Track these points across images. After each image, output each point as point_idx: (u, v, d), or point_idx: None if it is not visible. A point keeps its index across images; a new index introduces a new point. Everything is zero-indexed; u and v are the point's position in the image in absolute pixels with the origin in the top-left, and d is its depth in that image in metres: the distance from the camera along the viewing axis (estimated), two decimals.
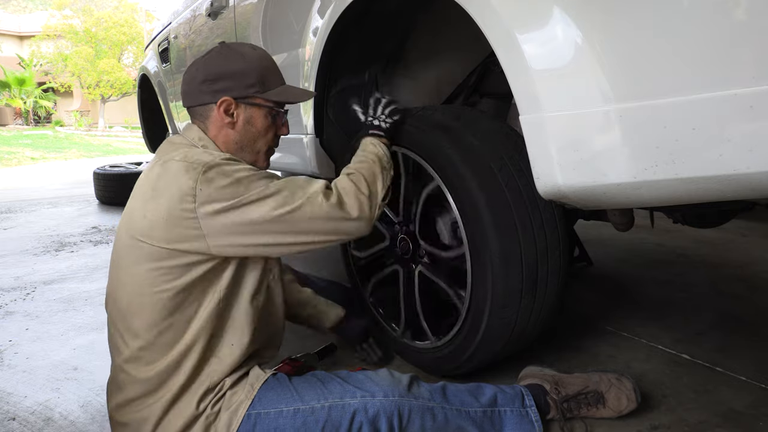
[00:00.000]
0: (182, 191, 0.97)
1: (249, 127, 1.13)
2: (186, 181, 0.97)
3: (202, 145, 1.11)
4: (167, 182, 1.00)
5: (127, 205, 1.10)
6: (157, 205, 0.99)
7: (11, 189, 5.83)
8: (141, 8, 24.05)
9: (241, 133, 1.13)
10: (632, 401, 1.22)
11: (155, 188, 1.01)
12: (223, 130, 1.12)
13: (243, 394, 1.06)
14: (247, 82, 1.11)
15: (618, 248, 2.77)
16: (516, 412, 1.16)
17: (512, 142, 1.25)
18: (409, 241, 1.45)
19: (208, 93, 1.11)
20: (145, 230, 0.99)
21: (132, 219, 1.03)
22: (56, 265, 2.70)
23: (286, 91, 1.17)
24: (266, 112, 1.14)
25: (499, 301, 1.19)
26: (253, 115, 1.13)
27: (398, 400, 1.07)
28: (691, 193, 0.85)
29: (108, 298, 1.10)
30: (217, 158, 1.02)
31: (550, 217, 1.22)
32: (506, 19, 0.98)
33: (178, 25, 3.10)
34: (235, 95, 1.10)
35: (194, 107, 1.14)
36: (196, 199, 0.97)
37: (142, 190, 1.04)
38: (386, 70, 1.80)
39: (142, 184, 1.06)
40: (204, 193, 0.97)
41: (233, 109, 1.11)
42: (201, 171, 0.98)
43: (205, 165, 0.99)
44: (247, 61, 1.12)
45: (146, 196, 1.01)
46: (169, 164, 1.02)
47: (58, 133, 17.35)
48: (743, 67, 0.72)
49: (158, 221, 0.98)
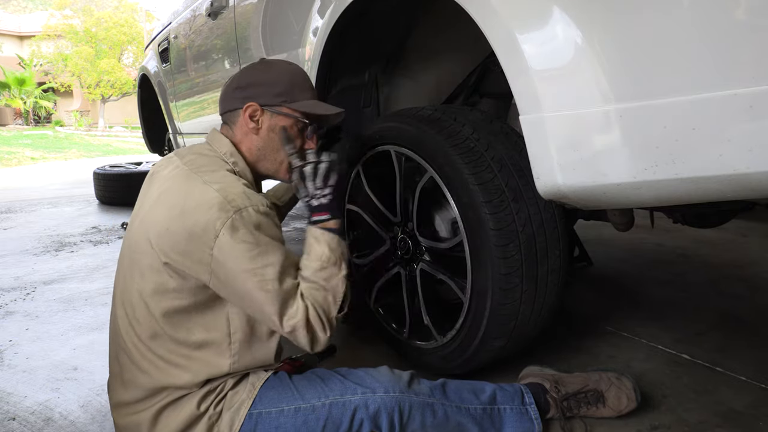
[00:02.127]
0: (208, 226, 0.97)
1: (272, 135, 1.14)
2: (214, 219, 0.97)
3: (233, 162, 1.12)
4: (198, 207, 0.98)
5: (144, 205, 1.08)
6: (183, 225, 0.98)
7: (11, 189, 5.84)
8: (141, 8, 24.06)
9: (264, 140, 1.14)
10: (632, 401, 1.22)
11: (185, 208, 0.99)
12: (247, 135, 1.14)
13: (244, 393, 1.06)
14: (275, 91, 1.13)
15: (618, 248, 2.78)
16: (516, 409, 1.16)
17: (512, 141, 1.25)
18: (408, 239, 1.45)
19: (238, 99, 1.14)
20: (164, 242, 0.99)
21: (152, 226, 1.02)
22: (56, 265, 2.70)
23: (315, 105, 1.17)
24: (292, 122, 1.15)
25: (499, 300, 1.19)
26: (277, 124, 1.14)
27: (399, 396, 1.07)
28: (691, 193, 0.85)
29: (115, 296, 1.10)
30: (251, 206, 1.00)
31: (550, 216, 1.22)
32: (506, 19, 0.98)
33: (178, 25, 3.10)
34: (261, 102, 1.13)
35: (225, 113, 1.18)
36: (216, 241, 0.97)
37: (170, 204, 1.02)
38: (386, 70, 1.80)
39: (168, 192, 1.04)
40: (224, 239, 0.97)
41: (258, 115, 1.13)
42: (230, 216, 0.97)
43: (238, 211, 0.98)
44: (279, 72, 1.16)
45: (174, 211, 1.00)
46: (207, 190, 1.00)
47: (58, 133, 17.36)
48: (743, 67, 0.72)
49: (179, 240, 0.98)
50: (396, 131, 1.38)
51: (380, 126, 1.46)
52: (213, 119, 2.81)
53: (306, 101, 1.16)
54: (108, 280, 2.42)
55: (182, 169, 1.07)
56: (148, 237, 1.01)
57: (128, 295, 1.05)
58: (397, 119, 1.40)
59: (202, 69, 2.82)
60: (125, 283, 1.07)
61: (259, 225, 1.00)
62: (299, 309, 1.02)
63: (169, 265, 0.99)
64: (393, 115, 1.45)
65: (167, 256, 0.98)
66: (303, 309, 1.02)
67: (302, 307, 1.02)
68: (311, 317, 1.03)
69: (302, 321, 1.01)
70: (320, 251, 1.09)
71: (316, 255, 1.08)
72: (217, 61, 2.59)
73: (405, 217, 1.47)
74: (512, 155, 1.21)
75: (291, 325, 1.01)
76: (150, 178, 1.15)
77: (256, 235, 0.99)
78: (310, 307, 1.03)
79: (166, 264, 0.99)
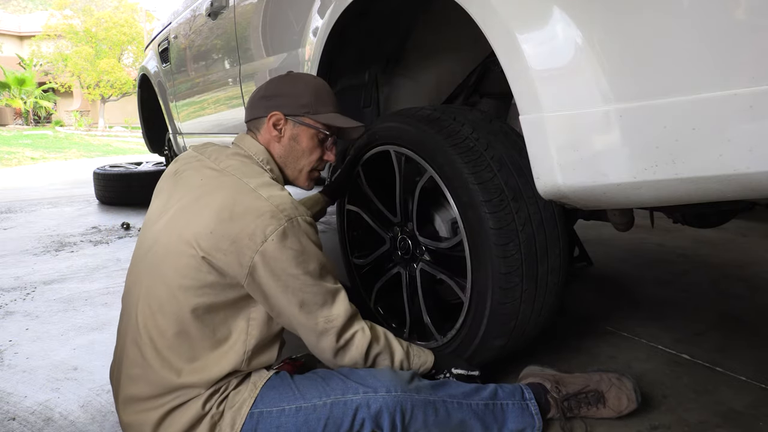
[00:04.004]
0: (257, 230, 1.00)
1: (294, 144, 1.20)
2: (265, 226, 1.00)
3: (270, 169, 1.18)
4: (249, 214, 1.01)
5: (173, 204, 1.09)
6: (230, 228, 1.00)
7: (11, 189, 5.84)
8: (141, 8, 24.06)
9: (286, 148, 1.20)
10: (632, 401, 1.22)
11: (234, 213, 1.01)
12: (271, 143, 1.20)
13: (246, 393, 1.07)
14: (299, 102, 1.19)
15: (618, 248, 2.78)
16: (516, 405, 1.16)
17: (512, 140, 1.25)
18: (408, 239, 1.45)
19: (263, 107, 1.20)
20: (207, 244, 1.01)
21: (193, 226, 1.03)
22: (56, 265, 2.70)
23: (336, 118, 1.23)
24: (313, 133, 1.21)
25: (499, 300, 1.19)
26: (299, 134, 1.20)
27: (400, 395, 1.07)
28: (691, 193, 0.85)
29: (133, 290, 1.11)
30: (299, 215, 1.05)
31: (550, 215, 1.22)
32: (506, 19, 0.98)
33: (178, 25, 3.10)
34: (285, 111, 1.18)
35: (250, 120, 1.23)
36: (263, 245, 1.00)
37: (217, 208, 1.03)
38: (386, 70, 1.80)
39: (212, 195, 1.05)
40: (271, 245, 1.00)
41: (282, 124, 1.19)
42: (282, 224, 1.01)
43: (289, 219, 1.03)
44: (304, 84, 1.22)
45: (222, 215, 1.01)
46: (257, 199, 1.03)
47: (58, 133, 17.36)
48: (743, 67, 0.72)
49: (224, 242, 1.00)
50: (396, 131, 1.38)
51: (379, 126, 1.47)
52: (213, 119, 2.82)
53: (328, 114, 1.22)
54: (108, 280, 2.42)
55: (224, 174, 1.10)
56: (185, 236, 1.03)
57: (155, 289, 1.06)
58: (396, 119, 1.40)
59: (202, 69, 2.82)
60: (150, 279, 1.07)
61: (307, 233, 1.05)
62: (341, 313, 1.08)
63: (207, 262, 1.01)
64: (392, 116, 1.45)
65: (207, 254, 1.01)
66: (346, 313, 1.09)
67: (346, 312, 1.09)
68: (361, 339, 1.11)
69: (339, 326, 1.08)
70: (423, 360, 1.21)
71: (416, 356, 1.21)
72: (217, 61, 2.59)
73: (405, 218, 1.47)
74: (512, 154, 1.21)
75: (323, 327, 1.07)
76: (173, 177, 1.17)
77: (304, 243, 1.04)
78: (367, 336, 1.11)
79: (205, 260, 1.01)
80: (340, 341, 1.09)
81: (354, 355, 1.11)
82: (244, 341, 1.07)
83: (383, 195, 1.54)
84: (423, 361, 1.22)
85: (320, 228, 3.51)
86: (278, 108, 1.18)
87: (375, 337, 1.13)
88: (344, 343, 1.10)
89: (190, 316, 1.03)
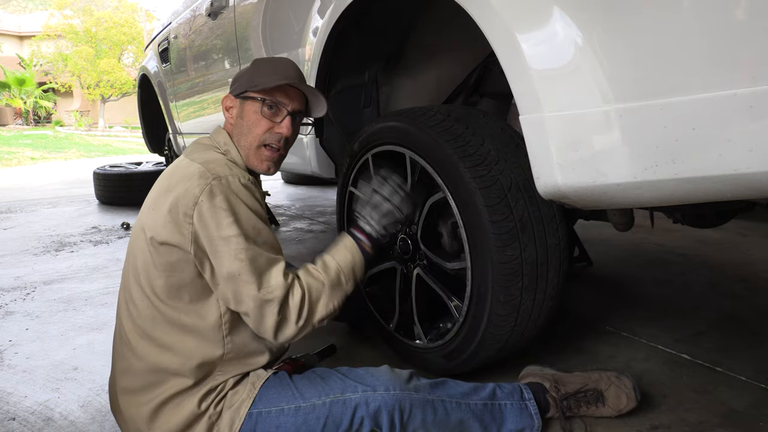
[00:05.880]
0: (188, 193, 1.01)
1: (240, 121, 1.18)
2: (194, 187, 1.01)
3: (225, 150, 1.16)
4: (181, 180, 1.04)
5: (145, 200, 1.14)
6: (167, 200, 1.03)
7: (11, 189, 5.84)
8: (141, 8, 24.06)
9: (236, 126, 1.19)
10: (632, 400, 1.22)
11: (170, 185, 1.05)
12: (227, 126, 1.20)
13: (245, 393, 1.06)
14: (247, 79, 1.17)
15: (618, 248, 2.77)
16: (515, 405, 1.16)
17: (513, 142, 1.25)
18: (409, 241, 1.45)
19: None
20: (151, 222, 1.04)
21: (144, 210, 1.09)
22: (56, 265, 2.70)
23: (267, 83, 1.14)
24: (257, 106, 1.16)
25: (499, 298, 1.19)
26: (244, 109, 1.18)
27: (399, 394, 1.07)
28: (691, 193, 0.85)
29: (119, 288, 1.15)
30: (232, 175, 1.04)
31: (550, 215, 1.22)
32: (506, 19, 0.98)
33: (178, 25, 3.10)
34: (233, 92, 1.19)
35: None
36: (195, 208, 1.00)
37: (160, 184, 1.09)
38: (386, 70, 1.80)
39: (161, 180, 1.11)
40: (203, 207, 1.00)
41: (230, 104, 1.19)
42: (209, 182, 1.01)
43: (216, 177, 1.02)
44: (258, 64, 1.20)
45: (161, 191, 1.06)
46: (190, 165, 1.06)
47: (58, 133, 17.36)
48: (743, 67, 0.72)
49: (162, 213, 1.02)
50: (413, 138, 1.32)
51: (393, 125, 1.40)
52: (213, 119, 2.81)
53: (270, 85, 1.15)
54: (108, 280, 2.42)
55: (178, 159, 1.14)
56: (140, 223, 1.08)
57: (125, 280, 1.10)
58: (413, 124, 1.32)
59: (202, 69, 2.82)
60: (125, 272, 1.12)
61: (238, 194, 1.03)
62: (280, 285, 1.02)
63: (154, 239, 1.02)
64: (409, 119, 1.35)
65: (155, 232, 1.02)
66: (284, 287, 1.02)
67: (284, 285, 1.02)
68: (292, 301, 1.03)
69: (279, 298, 1.01)
70: (345, 257, 1.14)
71: (340, 258, 1.13)
72: (217, 61, 2.59)
73: (410, 220, 1.45)
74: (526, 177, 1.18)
75: (263, 298, 1.01)
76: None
77: (234, 202, 1.02)
78: (297, 293, 1.04)
79: (152, 238, 1.03)
80: (278, 316, 1.02)
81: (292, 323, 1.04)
82: (219, 324, 1.05)
83: None
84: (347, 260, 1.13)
85: (320, 228, 3.51)
86: (231, 92, 1.20)
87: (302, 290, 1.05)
88: (281, 317, 1.03)
89: (156, 299, 1.04)
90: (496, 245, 1.15)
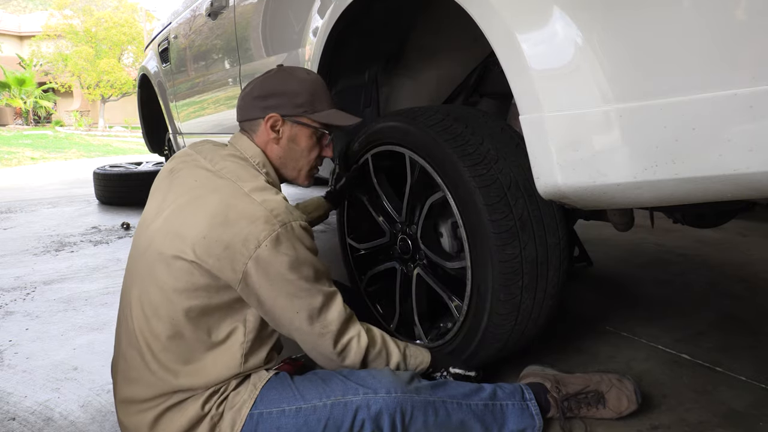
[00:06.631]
0: (251, 236, 0.99)
1: (293, 145, 1.19)
2: (259, 231, 0.99)
3: (266, 172, 1.17)
4: (242, 219, 1.00)
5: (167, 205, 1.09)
6: (223, 234, 1.00)
7: (11, 189, 5.84)
8: (141, 8, 24.06)
9: (285, 149, 1.18)
10: (633, 402, 1.22)
11: (228, 219, 1.00)
12: (268, 145, 1.18)
13: (246, 394, 1.06)
14: (296, 101, 1.16)
15: (618, 248, 2.77)
16: (517, 405, 1.16)
17: (513, 141, 1.25)
18: (409, 241, 1.45)
19: (258, 108, 1.17)
20: (200, 249, 1.00)
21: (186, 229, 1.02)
22: (56, 265, 2.70)
23: (334, 115, 1.20)
24: (311, 132, 1.19)
25: (499, 297, 1.19)
26: (297, 134, 1.18)
27: (400, 396, 1.07)
28: (691, 193, 0.85)
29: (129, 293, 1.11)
30: (293, 220, 1.04)
31: (550, 214, 1.22)
32: (506, 19, 0.98)
33: (178, 25, 3.10)
34: (282, 113, 1.16)
35: (244, 121, 1.21)
36: (256, 251, 0.99)
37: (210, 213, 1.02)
38: (386, 70, 1.80)
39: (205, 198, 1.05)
40: (264, 251, 0.99)
41: (279, 125, 1.17)
42: (276, 229, 1.00)
43: (283, 225, 1.01)
44: (299, 82, 1.18)
45: (216, 220, 1.00)
46: (251, 203, 1.02)
47: (58, 133, 17.35)
48: (743, 67, 0.72)
49: (217, 247, 1.00)
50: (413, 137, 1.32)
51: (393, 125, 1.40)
52: (213, 119, 2.81)
53: (325, 111, 1.19)
54: (108, 280, 2.42)
55: (218, 176, 1.08)
56: (179, 240, 1.02)
57: (148, 294, 1.05)
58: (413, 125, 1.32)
59: (202, 69, 2.82)
60: (144, 281, 1.07)
61: (301, 239, 1.04)
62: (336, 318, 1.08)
63: (200, 266, 1.00)
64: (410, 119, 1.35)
65: (200, 259, 1.00)
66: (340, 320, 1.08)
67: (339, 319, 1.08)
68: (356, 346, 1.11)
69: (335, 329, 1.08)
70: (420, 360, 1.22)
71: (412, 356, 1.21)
72: (217, 61, 2.59)
73: (409, 220, 1.46)
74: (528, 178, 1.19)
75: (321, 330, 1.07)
76: (168, 177, 1.16)
77: (298, 248, 1.03)
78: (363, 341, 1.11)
79: (197, 264, 1.00)
80: (338, 347, 1.09)
81: (352, 360, 1.11)
82: (241, 343, 1.07)
83: (390, 189, 1.53)
84: (420, 360, 1.21)
85: (320, 228, 3.51)
86: (275, 109, 1.16)
87: (372, 341, 1.13)
88: (341, 348, 1.09)
89: (183, 318, 1.02)
90: (496, 244, 1.15)
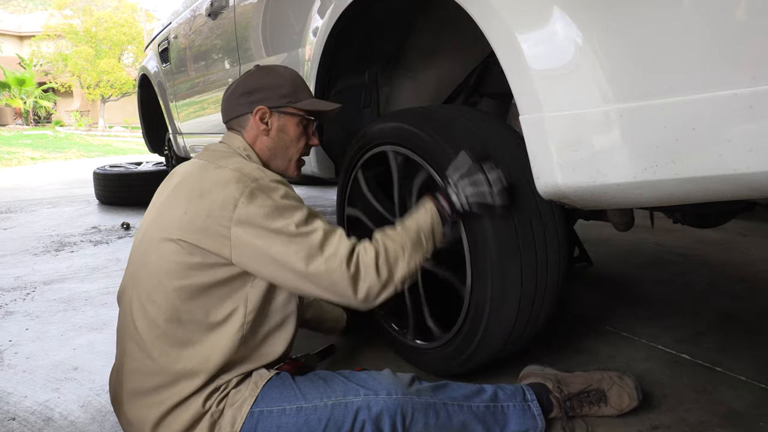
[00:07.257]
0: (226, 198, 1.02)
1: (282, 135, 1.21)
2: (232, 191, 1.02)
3: (247, 155, 1.18)
4: (216, 186, 1.04)
5: (159, 200, 1.14)
6: (201, 204, 1.03)
7: (11, 189, 5.84)
8: (141, 8, 24.06)
9: (275, 140, 1.21)
10: (634, 399, 1.22)
11: (203, 190, 1.05)
12: (258, 138, 1.20)
13: (247, 391, 1.07)
14: (280, 93, 1.20)
15: (618, 248, 2.78)
16: (518, 406, 1.16)
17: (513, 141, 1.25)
18: None
19: (245, 104, 1.20)
20: (183, 225, 1.03)
21: (170, 212, 1.07)
22: (56, 265, 2.70)
23: (316, 103, 1.25)
24: (298, 121, 1.22)
25: (499, 298, 1.19)
26: (286, 123, 1.21)
27: (401, 398, 1.07)
28: (691, 193, 0.85)
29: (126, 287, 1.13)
30: (267, 177, 1.07)
31: (549, 213, 1.22)
32: (506, 19, 0.98)
33: (178, 25, 3.10)
34: (269, 105, 1.19)
35: (232, 120, 1.23)
36: (235, 211, 1.01)
37: (187, 191, 1.07)
38: (386, 70, 1.80)
39: (184, 185, 1.10)
40: (243, 208, 1.01)
41: (268, 117, 1.19)
42: (249, 185, 1.03)
43: (255, 180, 1.05)
44: (280, 76, 1.22)
45: (192, 195, 1.05)
46: (222, 171, 1.07)
47: (58, 133, 17.36)
48: (743, 67, 0.72)
49: (198, 219, 1.03)
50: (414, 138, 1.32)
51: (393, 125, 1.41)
52: (213, 119, 2.82)
53: (308, 100, 1.24)
54: (108, 280, 2.42)
55: (197, 162, 1.14)
56: (164, 224, 1.06)
57: (142, 280, 1.07)
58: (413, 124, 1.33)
59: (202, 69, 2.82)
60: (138, 271, 1.09)
61: (276, 189, 1.06)
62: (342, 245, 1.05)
63: (188, 243, 1.02)
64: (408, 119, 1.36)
65: (186, 235, 1.03)
66: (347, 246, 1.05)
67: (347, 245, 1.05)
68: (365, 256, 1.05)
69: (344, 256, 1.03)
70: (425, 219, 1.14)
71: (420, 218, 1.14)
72: (217, 61, 2.59)
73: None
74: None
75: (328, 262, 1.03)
76: (168, 178, 1.21)
77: (274, 197, 1.04)
78: (370, 250, 1.06)
79: (185, 242, 1.02)
80: (351, 269, 1.04)
81: (370, 274, 1.05)
82: (240, 325, 1.06)
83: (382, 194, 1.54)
84: (427, 221, 1.14)
85: None
86: (261, 102, 1.18)
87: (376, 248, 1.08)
88: (355, 268, 1.05)
89: (177, 300, 1.03)
90: (495, 243, 1.15)
